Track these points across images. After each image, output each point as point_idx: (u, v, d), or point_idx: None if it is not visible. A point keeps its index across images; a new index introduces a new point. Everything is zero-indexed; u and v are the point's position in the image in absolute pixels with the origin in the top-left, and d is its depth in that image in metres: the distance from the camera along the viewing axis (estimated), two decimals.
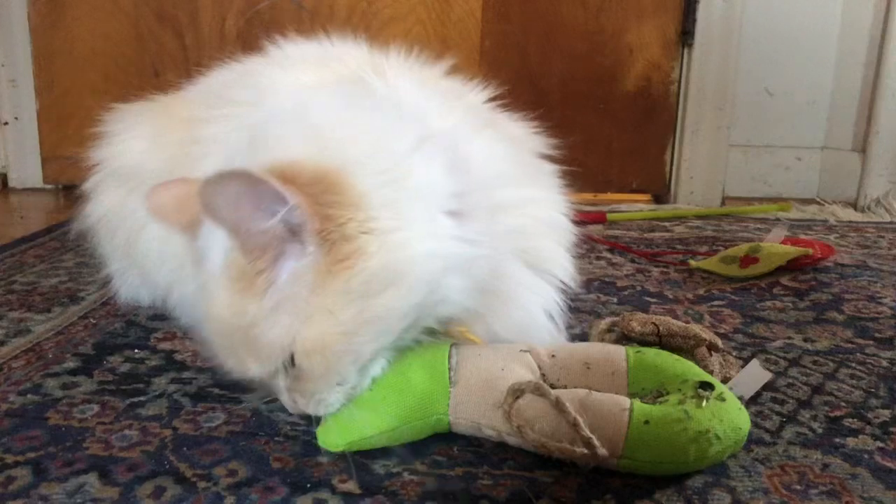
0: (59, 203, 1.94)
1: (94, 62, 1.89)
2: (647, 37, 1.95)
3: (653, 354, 0.80)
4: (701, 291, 1.25)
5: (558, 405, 0.69)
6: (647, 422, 0.69)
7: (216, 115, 0.91)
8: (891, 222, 1.81)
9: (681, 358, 0.81)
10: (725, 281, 1.30)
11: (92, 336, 0.99)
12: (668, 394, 0.74)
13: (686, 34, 1.93)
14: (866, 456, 0.74)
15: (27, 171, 1.99)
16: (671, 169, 2.02)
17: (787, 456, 0.74)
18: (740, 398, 0.82)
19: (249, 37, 1.84)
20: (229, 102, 0.91)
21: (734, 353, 0.96)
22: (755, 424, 0.79)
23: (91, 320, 1.05)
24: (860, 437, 0.78)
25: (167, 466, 0.70)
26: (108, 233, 1.03)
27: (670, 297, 1.22)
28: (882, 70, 1.89)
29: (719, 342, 0.87)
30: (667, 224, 1.72)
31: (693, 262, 1.38)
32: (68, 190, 1.98)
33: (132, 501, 0.65)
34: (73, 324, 1.04)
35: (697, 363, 0.83)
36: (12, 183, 2.02)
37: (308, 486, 0.67)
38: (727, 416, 0.71)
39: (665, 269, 1.37)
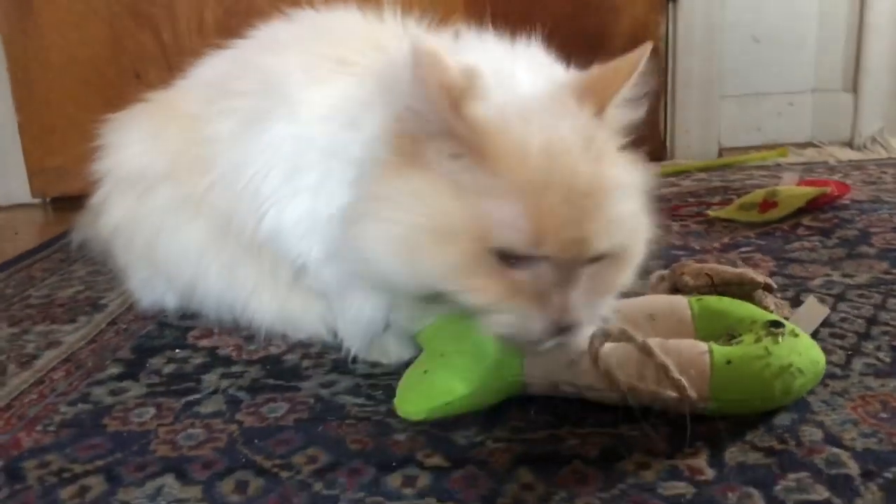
0: (49, 217, 1.89)
1: (71, 69, 1.84)
2: None
3: (715, 300, 0.80)
4: (726, 240, 1.24)
5: (645, 349, 0.68)
6: (729, 361, 0.68)
7: (222, 108, 0.88)
8: (889, 158, 1.82)
9: (742, 301, 0.80)
10: (747, 227, 1.30)
11: (127, 341, 0.96)
12: (739, 336, 0.73)
13: None
14: None
15: (13, 186, 1.93)
16: (665, 126, 2.01)
17: (864, 387, 0.74)
18: None
19: (229, 27, 1.79)
20: (235, 94, 0.88)
21: (779, 296, 0.95)
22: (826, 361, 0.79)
23: (121, 326, 1.02)
24: None
25: (243, 460, 0.68)
26: (125, 242, 0.99)
27: (697, 248, 1.21)
28: (866, 7, 1.89)
29: (773, 283, 0.87)
30: (673, 179, 1.71)
31: (712, 212, 1.38)
32: (56, 202, 1.93)
33: (217, 498, 0.62)
34: (102, 331, 1.00)
35: (756, 304, 0.83)
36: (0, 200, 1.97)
37: (394, 464, 0.66)
38: (804, 350, 0.71)
39: (683, 223, 1.36)
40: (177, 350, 0.92)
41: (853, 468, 0.61)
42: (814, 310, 0.85)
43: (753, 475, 0.61)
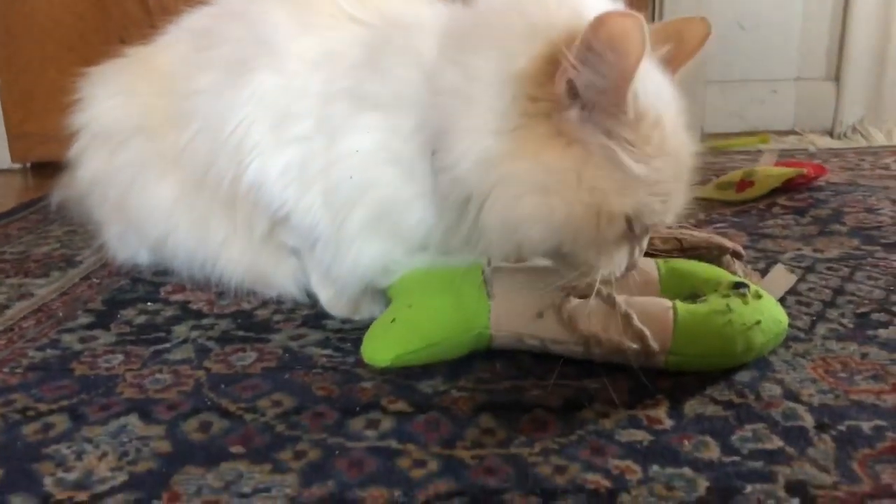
0: (29, 182, 1.88)
1: (56, 34, 1.82)
2: None
3: (682, 262, 0.81)
4: (701, 216, 1.25)
5: (609, 300, 0.68)
6: (692, 316, 0.69)
7: (203, 60, 0.88)
8: (869, 147, 1.83)
9: (710, 265, 0.81)
10: (724, 206, 1.31)
11: (99, 294, 0.96)
12: (704, 296, 0.74)
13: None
14: None
15: None
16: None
17: (826, 349, 0.75)
18: None
19: None
20: (216, 46, 0.87)
21: (749, 267, 0.96)
22: (788, 324, 0.80)
23: (94, 280, 1.01)
24: (890, 328, 0.79)
25: (208, 403, 0.68)
26: (99, 195, 0.99)
27: (671, 224, 1.21)
28: None
29: (742, 250, 0.88)
30: None
31: None
32: (37, 168, 1.92)
33: (180, 436, 0.63)
34: (75, 285, 1.00)
35: (725, 269, 0.84)
36: None
37: (357, 408, 0.66)
38: (767, 309, 0.72)
39: None
40: (148, 303, 0.92)
41: (808, 421, 0.62)
42: (781, 277, 0.86)
43: (711, 425, 0.62)
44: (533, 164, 0.65)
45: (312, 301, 0.88)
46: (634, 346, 0.67)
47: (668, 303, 0.71)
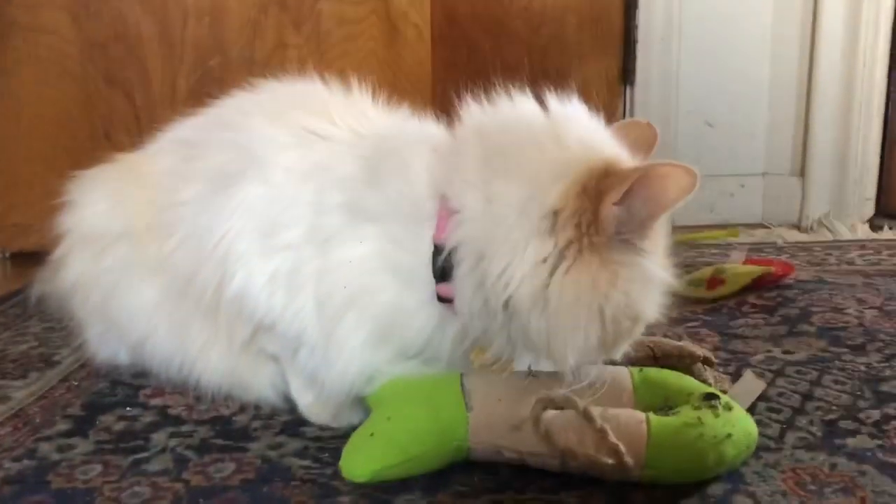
0: (7, 271, 1.88)
1: (42, 128, 1.85)
2: (591, 77, 2.02)
3: (655, 372, 0.83)
4: (674, 314, 1.28)
5: (586, 414, 0.70)
6: (664, 430, 0.70)
7: (189, 172, 0.91)
8: (834, 241, 1.89)
9: (681, 374, 0.83)
10: (695, 303, 1.34)
11: (78, 398, 0.96)
12: (675, 407, 0.76)
13: (627, 72, 2.01)
14: (868, 454, 0.78)
15: None
16: None
17: (795, 459, 0.77)
18: None
19: (201, 94, 1.82)
20: (203, 158, 0.91)
21: (720, 370, 0.99)
22: (758, 433, 0.82)
23: (73, 382, 1.02)
24: (858, 436, 0.81)
25: None
26: (82, 297, 1.00)
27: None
28: (812, 99, 1.99)
29: (713, 357, 0.90)
30: None
31: None
32: (15, 257, 1.92)
33: None
34: (53, 388, 1.00)
35: (696, 377, 0.86)
36: None
37: None
38: (738, 422, 0.74)
39: None
40: (128, 408, 0.93)
41: None
42: (751, 384, 0.88)
43: None
44: (576, 283, 0.70)
45: (291, 406, 0.89)
46: (610, 461, 0.68)
47: (641, 416, 0.72)
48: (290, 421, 0.88)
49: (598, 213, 0.69)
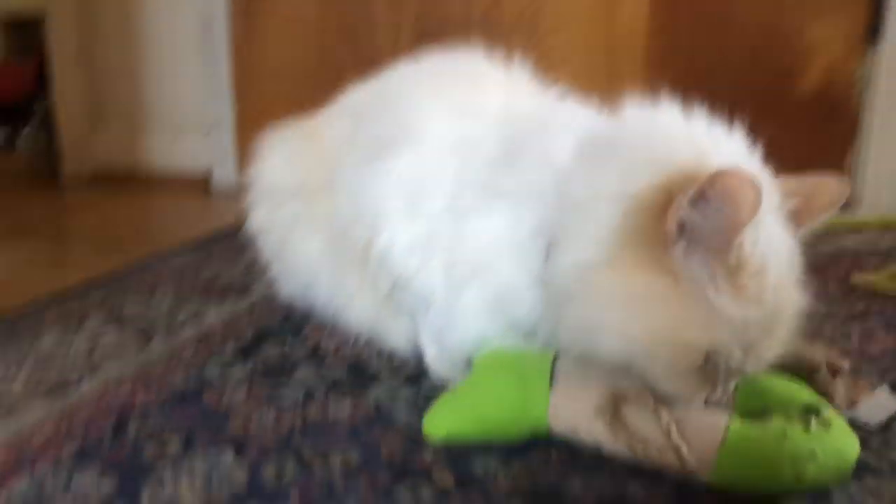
0: None
1: (282, 73, 2.08)
2: (830, 34, 1.84)
3: (764, 377, 0.79)
4: (859, 308, 1.18)
5: (655, 411, 0.70)
6: (742, 438, 0.69)
7: (356, 138, 1.00)
8: None
9: (793, 381, 0.79)
10: (891, 299, 1.22)
11: (253, 326, 1.11)
12: (771, 416, 0.73)
13: (874, 31, 1.80)
14: None
15: (228, 172, 2.21)
16: (854, 175, 1.89)
17: None
18: (865, 425, 0.80)
19: (420, 46, 1.94)
20: (369, 127, 0.99)
21: (872, 378, 0.92)
22: (879, 455, 0.76)
23: (256, 312, 1.17)
24: None
25: (292, 449, 0.79)
26: (264, 241, 1.14)
27: (822, 313, 1.16)
28: None
29: (843, 364, 0.84)
30: (841, 234, 1.62)
31: (856, 278, 1.31)
32: None
33: (256, 477, 0.74)
34: (240, 314, 1.17)
35: (819, 387, 0.81)
36: (215, 183, 2.26)
37: (409, 475, 0.74)
38: (830, 440, 0.70)
39: (824, 283, 1.30)
40: (287, 342, 1.06)
41: None
42: (884, 401, 0.81)
43: None
44: (626, 280, 0.69)
45: (419, 358, 0.97)
46: (674, 460, 0.68)
47: (724, 420, 0.71)
48: (414, 373, 0.95)
49: (665, 212, 0.66)
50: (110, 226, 1.88)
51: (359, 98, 1.08)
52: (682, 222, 0.66)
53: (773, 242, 0.69)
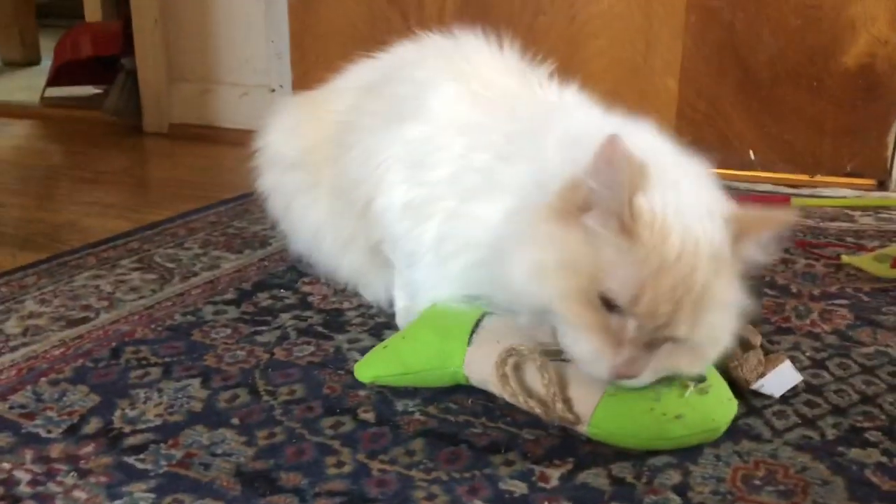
0: None
1: (334, 39, 2.19)
2: (874, 9, 1.80)
3: None
4: (833, 289, 1.21)
5: (543, 367, 0.79)
6: (617, 397, 0.77)
7: (366, 107, 1.09)
8: None
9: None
10: (873, 280, 1.24)
11: (257, 275, 1.25)
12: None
13: None
14: (854, 468, 0.76)
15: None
16: (894, 152, 1.87)
17: (771, 455, 0.78)
18: (770, 396, 0.86)
19: (464, 17, 2.01)
20: (381, 98, 1.08)
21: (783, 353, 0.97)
22: (765, 422, 0.83)
23: (265, 263, 1.31)
24: (868, 449, 0.79)
25: (249, 382, 0.91)
26: (272, 203, 1.26)
27: (793, 290, 1.20)
28: None
29: (755, 341, 0.90)
30: (856, 213, 1.62)
31: (845, 258, 1.33)
32: None
33: (213, 402, 0.87)
34: (250, 265, 1.30)
35: (730, 360, 0.87)
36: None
37: (338, 410, 0.85)
38: (702, 405, 0.77)
39: (815, 262, 1.33)
40: (282, 290, 1.19)
41: None
42: (786, 375, 0.87)
43: (583, 496, 0.71)
44: (541, 230, 0.79)
45: (392, 313, 1.08)
46: (537, 409, 0.78)
47: None
48: (382, 323, 1.07)
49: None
50: (183, 175, 2.05)
51: (365, 74, 1.18)
52: (587, 192, 0.76)
53: (683, 210, 0.75)
